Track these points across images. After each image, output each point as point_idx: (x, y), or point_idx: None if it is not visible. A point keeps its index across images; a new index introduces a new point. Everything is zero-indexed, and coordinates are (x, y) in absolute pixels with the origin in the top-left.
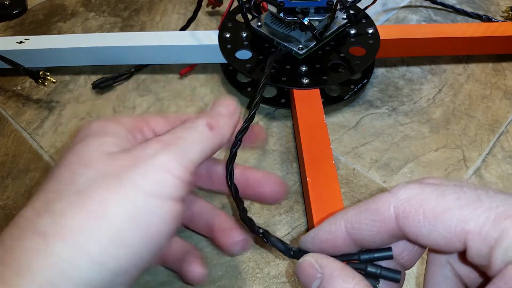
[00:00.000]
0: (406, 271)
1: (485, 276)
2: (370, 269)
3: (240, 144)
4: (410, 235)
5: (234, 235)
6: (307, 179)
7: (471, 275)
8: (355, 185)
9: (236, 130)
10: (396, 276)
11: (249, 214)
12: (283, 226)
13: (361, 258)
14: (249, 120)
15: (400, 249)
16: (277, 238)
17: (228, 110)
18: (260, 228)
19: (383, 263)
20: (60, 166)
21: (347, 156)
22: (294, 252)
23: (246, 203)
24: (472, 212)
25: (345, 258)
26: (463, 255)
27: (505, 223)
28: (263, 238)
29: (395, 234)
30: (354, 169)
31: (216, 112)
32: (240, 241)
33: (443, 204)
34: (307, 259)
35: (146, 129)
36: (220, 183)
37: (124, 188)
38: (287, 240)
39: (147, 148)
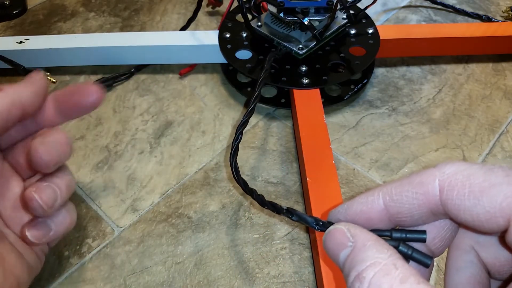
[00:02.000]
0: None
1: None
2: (402, 248)
3: (240, 138)
4: (451, 209)
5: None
6: (307, 179)
7: (497, 263)
8: (355, 185)
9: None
10: (427, 260)
11: (249, 214)
12: (283, 226)
13: (393, 236)
14: (248, 114)
15: (433, 234)
16: (302, 212)
17: (28, 78)
18: (282, 207)
19: (414, 245)
20: None
21: (347, 156)
22: (324, 224)
23: (245, 203)
24: None
25: (377, 233)
26: (502, 238)
27: None
28: (287, 215)
29: (435, 210)
30: (354, 169)
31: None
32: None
33: (491, 179)
34: (338, 226)
35: None
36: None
37: None
38: (287, 240)
39: None
